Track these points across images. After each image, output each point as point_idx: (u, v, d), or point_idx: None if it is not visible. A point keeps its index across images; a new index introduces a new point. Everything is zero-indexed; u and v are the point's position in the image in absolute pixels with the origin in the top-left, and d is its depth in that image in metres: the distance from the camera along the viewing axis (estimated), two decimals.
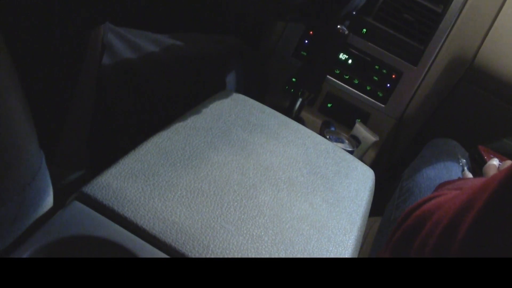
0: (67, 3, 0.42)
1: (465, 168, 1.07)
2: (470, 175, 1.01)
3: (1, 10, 0.38)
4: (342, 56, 1.25)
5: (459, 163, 1.10)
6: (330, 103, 1.29)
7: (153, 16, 0.96)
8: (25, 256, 0.42)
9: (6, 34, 0.36)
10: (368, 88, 1.26)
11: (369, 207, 0.69)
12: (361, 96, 1.26)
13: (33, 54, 0.46)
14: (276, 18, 0.63)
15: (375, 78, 1.25)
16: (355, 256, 0.59)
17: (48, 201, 0.49)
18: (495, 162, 0.99)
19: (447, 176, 1.03)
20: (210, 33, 1.05)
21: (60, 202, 0.51)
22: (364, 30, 1.22)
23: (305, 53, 1.25)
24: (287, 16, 0.63)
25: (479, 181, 0.76)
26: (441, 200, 0.64)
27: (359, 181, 0.71)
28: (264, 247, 0.52)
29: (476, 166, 1.08)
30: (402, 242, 0.66)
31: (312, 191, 0.63)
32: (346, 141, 1.12)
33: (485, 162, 1.03)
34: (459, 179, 0.90)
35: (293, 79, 1.18)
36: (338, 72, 1.25)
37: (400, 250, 0.65)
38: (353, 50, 1.24)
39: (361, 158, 1.17)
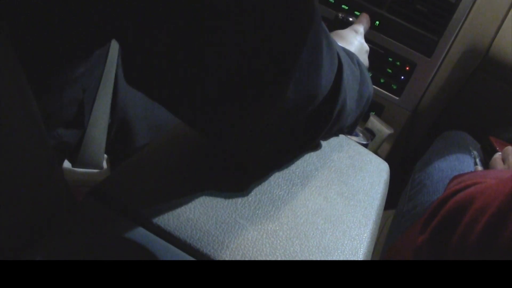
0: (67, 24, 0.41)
1: (477, 159, 1.07)
2: (480, 168, 1.01)
3: (12, 16, 0.38)
4: None
5: (470, 154, 1.09)
6: None
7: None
8: (40, 256, 0.42)
9: (15, 38, 0.37)
10: (382, 80, 1.25)
11: (384, 200, 0.68)
12: (375, 88, 1.25)
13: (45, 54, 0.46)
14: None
15: (389, 70, 1.24)
16: (371, 249, 0.59)
17: (63, 200, 0.50)
18: (497, 155, 0.99)
19: (459, 167, 1.02)
20: None
21: (75, 200, 0.52)
22: (377, 22, 1.21)
23: None
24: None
25: (502, 173, 0.75)
26: (482, 186, 0.63)
27: (373, 174, 0.70)
28: (279, 241, 0.52)
29: (488, 157, 1.07)
30: (442, 227, 0.65)
31: (327, 185, 0.63)
32: (361, 134, 1.12)
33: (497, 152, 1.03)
34: (472, 172, 0.89)
35: None
36: None
37: (441, 236, 0.65)
38: (366, 43, 1.23)
39: (375, 151, 1.17)
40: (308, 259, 0.51)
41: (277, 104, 0.46)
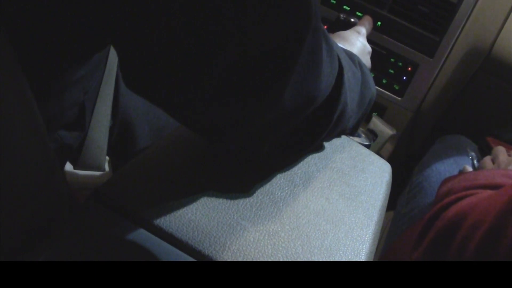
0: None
1: (475, 161, 1.07)
2: (470, 169, 1.01)
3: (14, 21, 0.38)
4: None
5: (468, 156, 1.10)
6: None
7: None
8: (42, 258, 0.42)
9: (15, 41, 0.37)
10: (384, 81, 1.25)
11: (386, 201, 0.68)
12: (377, 89, 1.25)
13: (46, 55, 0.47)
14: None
15: (391, 71, 1.24)
16: (373, 250, 0.59)
17: (65, 202, 0.50)
18: (487, 156, 1.00)
19: (457, 169, 1.03)
20: None
21: (77, 203, 0.52)
22: (379, 23, 1.21)
23: None
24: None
25: (491, 173, 0.75)
26: (473, 200, 0.62)
27: (375, 175, 0.70)
28: (281, 243, 0.52)
29: None
30: (436, 244, 0.65)
31: (328, 186, 0.63)
32: (363, 135, 1.12)
33: None
34: (461, 175, 0.90)
35: None
36: None
37: (436, 253, 0.65)
38: (368, 44, 1.23)
39: (378, 152, 1.16)
40: (310, 260, 0.51)
41: (275, 105, 0.46)
